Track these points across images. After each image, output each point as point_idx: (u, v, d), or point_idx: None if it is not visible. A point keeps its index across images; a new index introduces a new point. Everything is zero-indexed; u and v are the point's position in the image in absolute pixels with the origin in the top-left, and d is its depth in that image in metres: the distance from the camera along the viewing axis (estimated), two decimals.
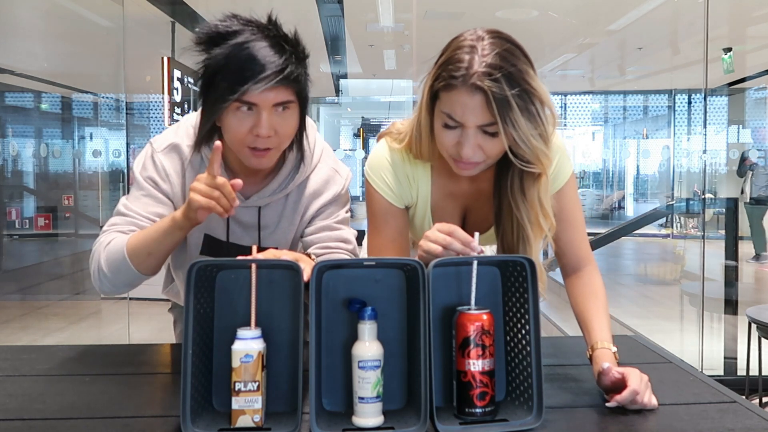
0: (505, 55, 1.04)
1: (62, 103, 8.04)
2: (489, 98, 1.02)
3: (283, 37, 1.18)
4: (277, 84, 1.13)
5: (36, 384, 1.18)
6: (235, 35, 1.15)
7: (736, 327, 3.92)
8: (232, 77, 1.13)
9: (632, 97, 11.54)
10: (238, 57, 1.14)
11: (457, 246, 1.04)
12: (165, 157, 1.31)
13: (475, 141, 1.08)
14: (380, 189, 1.26)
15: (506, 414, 1.01)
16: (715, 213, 5.42)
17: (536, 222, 1.16)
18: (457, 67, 1.04)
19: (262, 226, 1.34)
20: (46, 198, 7.49)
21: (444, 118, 1.08)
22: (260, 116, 1.16)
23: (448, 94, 1.06)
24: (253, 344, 0.95)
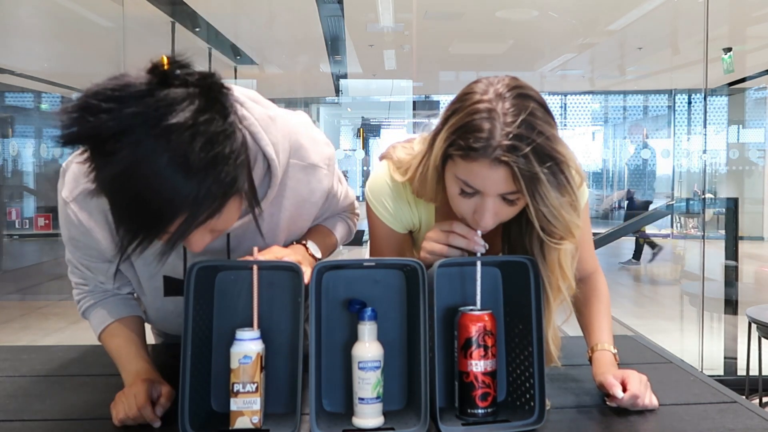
0: (530, 120, 0.93)
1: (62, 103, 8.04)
2: (515, 173, 0.92)
3: (186, 123, 0.80)
4: (197, 223, 0.86)
5: (36, 384, 1.17)
6: (108, 156, 0.78)
7: (736, 327, 3.92)
8: (128, 221, 0.83)
9: (632, 97, 11.53)
10: (125, 197, 0.81)
11: (459, 241, 1.03)
12: (80, 207, 1.06)
13: (494, 209, 0.99)
14: (380, 215, 1.19)
15: (507, 414, 1.01)
16: (715, 213, 5.42)
17: (555, 285, 1.07)
18: (477, 138, 0.93)
19: (232, 249, 1.12)
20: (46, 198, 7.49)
21: (461, 185, 0.99)
22: (188, 241, 0.92)
23: (467, 163, 0.96)
24: (252, 345, 0.95)
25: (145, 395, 0.98)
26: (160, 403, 0.99)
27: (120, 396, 1.00)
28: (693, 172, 6.62)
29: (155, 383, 1.02)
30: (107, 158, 0.79)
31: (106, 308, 1.17)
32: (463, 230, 1.03)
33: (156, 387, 1.01)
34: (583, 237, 1.18)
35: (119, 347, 1.12)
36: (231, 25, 6.17)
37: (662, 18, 6.04)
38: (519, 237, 1.09)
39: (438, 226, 1.06)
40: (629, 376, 1.05)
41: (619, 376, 1.06)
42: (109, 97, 0.78)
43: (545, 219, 0.97)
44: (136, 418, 0.96)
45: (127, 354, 1.11)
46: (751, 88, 8.77)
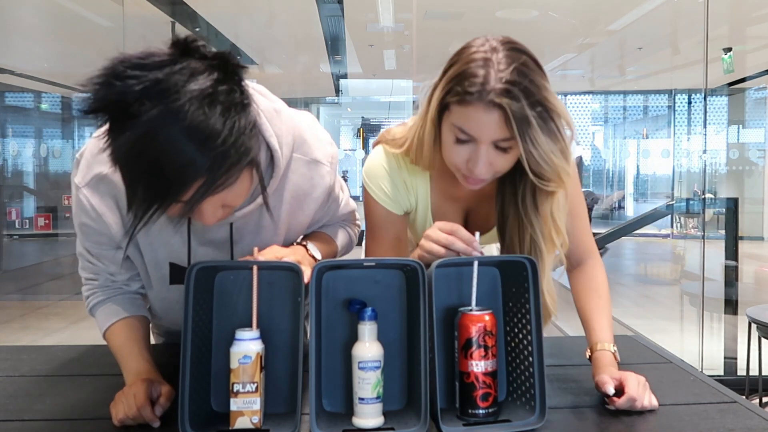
0: (522, 69, 0.99)
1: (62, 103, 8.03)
2: (507, 115, 0.98)
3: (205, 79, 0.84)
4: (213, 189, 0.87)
5: (36, 384, 1.17)
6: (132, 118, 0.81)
7: (736, 327, 3.92)
8: (145, 186, 0.85)
9: (632, 97, 11.54)
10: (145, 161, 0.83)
11: (459, 246, 1.03)
12: (92, 192, 1.07)
13: (488, 157, 1.03)
14: (377, 197, 1.23)
15: (508, 414, 1.01)
16: (715, 213, 5.42)
17: (549, 237, 1.12)
18: (472, 82, 0.98)
19: (235, 242, 1.14)
20: (46, 198, 7.49)
21: (456, 132, 1.03)
22: (200, 211, 0.93)
23: (462, 108, 1.01)
24: (252, 345, 0.94)
25: (145, 395, 0.98)
26: (159, 403, 0.99)
27: (119, 396, 1.00)
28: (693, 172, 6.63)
29: (155, 383, 1.02)
30: (129, 122, 0.81)
31: (113, 306, 1.17)
32: (464, 235, 1.04)
33: (156, 387, 1.01)
34: (574, 207, 1.20)
35: (122, 346, 1.12)
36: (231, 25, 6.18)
37: (662, 18, 6.04)
38: (512, 194, 1.14)
39: (439, 226, 1.06)
40: (627, 378, 1.05)
41: (617, 377, 1.05)
42: (135, 64, 0.83)
43: (536, 162, 1.02)
44: (135, 418, 0.96)
45: (129, 353, 1.11)
46: (751, 88, 8.77)
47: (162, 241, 1.13)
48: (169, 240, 1.13)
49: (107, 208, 1.08)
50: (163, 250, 1.15)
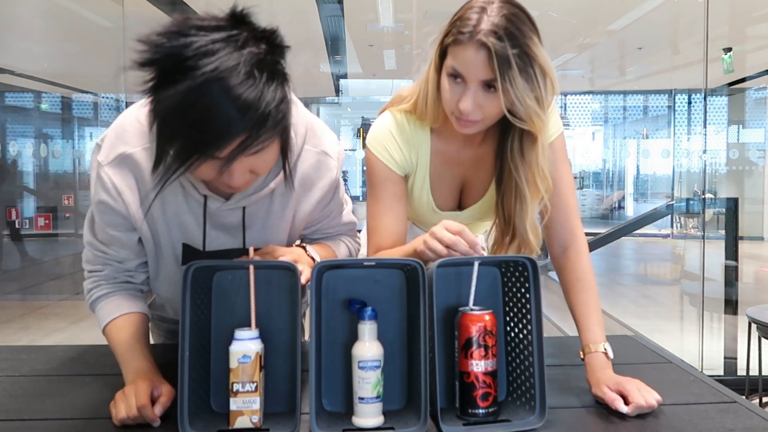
0: (512, 18, 1.09)
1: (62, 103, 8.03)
2: (491, 55, 1.07)
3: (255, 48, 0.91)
4: (252, 144, 0.92)
5: (36, 384, 1.17)
6: (189, 70, 0.87)
7: (736, 327, 3.92)
8: (189, 137, 0.89)
9: (632, 97, 11.54)
10: (195, 111, 0.87)
11: (462, 248, 1.04)
12: (114, 171, 1.10)
13: (476, 98, 1.12)
14: (380, 155, 1.29)
15: (508, 414, 1.01)
16: (715, 213, 5.42)
17: (533, 182, 1.22)
18: (466, 24, 1.10)
19: (246, 226, 1.18)
20: (46, 198, 7.49)
21: (450, 73, 1.14)
22: (231, 169, 0.96)
23: (456, 48, 1.12)
24: (251, 345, 0.95)
25: (146, 394, 0.98)
26: (160, 402, 0.99)
27: (120, 395, 1.00)
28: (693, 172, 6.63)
29: (156, 382, 1.02)
30: (183, 75, 0.87)
31: (116, 301, 1.18)
32: (468, 237, 1.05)
33: (157, 386, 1.01)
34: (561, 186, 1.28)
35: (122, 343, 1.12)
36: None
37: (662, 18, 6.04)
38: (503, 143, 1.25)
39: (445, 225, 1.07)
40: (626, 387, 1.05)
41: (615, 387, 1.06)
42: (198, 25, 0.90)
43: (511, 100, 1.11)
44: (135, 418, 0.96)
45: (129, 351, 1.11)
46: (751, 88, 8.77)
47: (177, 222, 1.16)
48: (183, 221, 1.16)
49: (127, 187, 1.11)
50: (177, 232, 1.17)
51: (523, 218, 1.23)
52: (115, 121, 1.14)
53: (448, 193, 1.36)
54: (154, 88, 0.90)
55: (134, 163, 1.10)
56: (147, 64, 0.90)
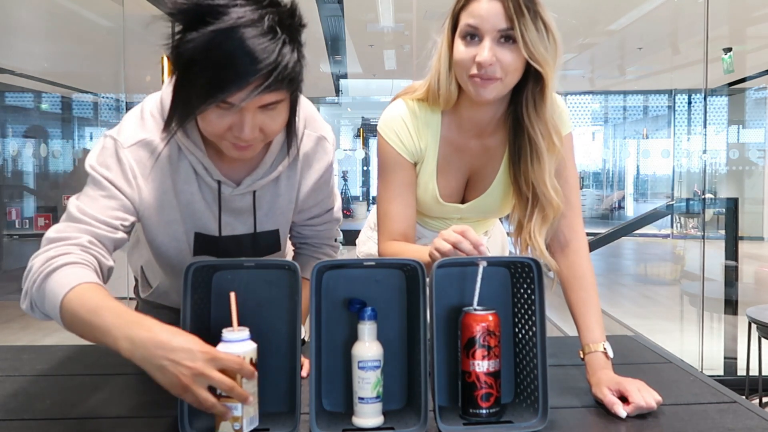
0: None
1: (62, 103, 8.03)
2: (507, 4, 1.14)
3: (278, 13, 0.99)
4: (266, 90, 0.97)
5: (36, 384, 1.18)
6: (218, 15, 0.95)
7: (736, 327, 3.92)
8: (210, 76, 0.95)
9: (632, 97, 11.54)
10: (220, 51, 0.94)
11: (465, 246, 1.04)
12: (134, 155, 1.12)
13: (492, 51, 1.15)
14: (391, 141, 1.31)
15: (513, 416, 1.01)
16: (715, 213, 5.42)
17: (548, 135, 1.25)
18: None
19: (257, 209, 1.23)
20: (46, 198, 7.49)
21: (465, 30, 1.18)
22: (243, 118, 1.00)
23: (469, 6, 1.17)
24: (236, 348, 0.89)
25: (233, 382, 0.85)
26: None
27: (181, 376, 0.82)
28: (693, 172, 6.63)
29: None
30: (217, 16, 0.94)
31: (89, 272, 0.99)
32: (472, 237, 1.05)
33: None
34: (569, 178, 1.30)
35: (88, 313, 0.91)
36: None
37: (662, 18, 6.04)
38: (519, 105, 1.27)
39: (452, 227, 1.07)
40: (626, 387, 1.05)
41: (615, 388, 1.06)
42: None
43: (529, 43, 1.16)
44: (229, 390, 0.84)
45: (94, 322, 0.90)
46: (751, 88, 8.77)
47: (190, 211, 1.19)
48: (196, 210, 1.19)
49: (141, 174, 1.13)
50: (190, 221, 1.19)
51: (542, 175, 1.25)
52: (136, 108, 1.18)
53: (454, 184, 1.37)
54: (182, 32, 0.97)
55: (153, 149, 1.13)
56: (178, 13, 0.97)
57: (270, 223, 1.26)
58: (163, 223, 1.18)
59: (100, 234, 1.06)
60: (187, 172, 1.16)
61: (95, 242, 1.06)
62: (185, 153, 1.14)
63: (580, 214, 1.33)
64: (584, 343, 1.17)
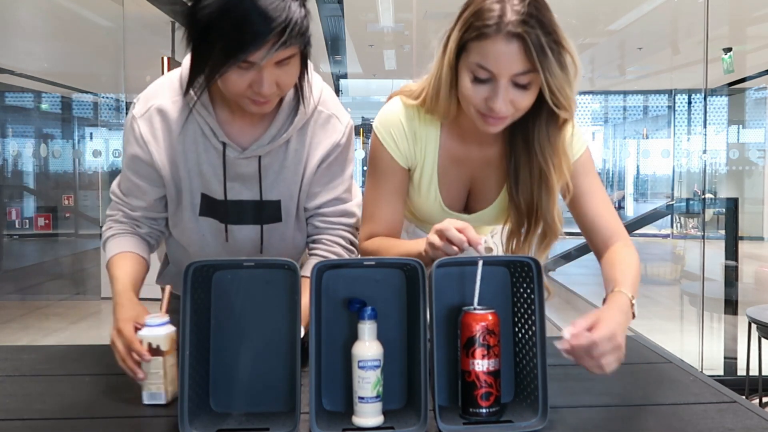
0: (536, 4, 1.05)
1: (62, 103, 8.03)
2: (527, 45, 1.02)
3: None
4: (281, 46, 1.04)
5: (36, 384, 1.17)
6: None
7: (736, 327, 3.92)
8: (228, 38, 1.03)
9: (632, 97, 11.54)
10: (235, 14, 1.01)
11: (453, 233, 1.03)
12: (144, 122, 1.24)
13: (507, 94, 1.07)
14: (386, 143, 1.25)
15: (513, 415, 1.00)
16: (715, 213, 5.42)
17: (559, 166, 1.19)
18: (490, 16, 1.03)
19: (263, 177, 1.27)
20: (46, 198, 7.50)
21: (474, 70, 1.07)
22: (261, 75, 1.08)
23: (481, 44, 1.05)
24: (145, 331, 1.05)
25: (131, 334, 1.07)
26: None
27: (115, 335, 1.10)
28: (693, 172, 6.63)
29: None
30: None
31: (123, 240, 1.29)
32: (471, 236, 1.04)
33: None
34: (593, 187, 1.25)
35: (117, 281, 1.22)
36: None
37: (662, 18, 6.04)
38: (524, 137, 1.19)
39: (450, 222, 1.06)
40: (602, 324, 0.98)
41: (593, 318, 0.99)
42: None
43: (554, 90, 1.07)
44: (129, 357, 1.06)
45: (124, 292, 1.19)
46: (751, 88, 8.77)
47: (198, 171, 1.26)
48: (203, 171, 1.25)
49: (153, 139, 1.24)
50: (197, 180, 1.27)
51: (550, 204, 1.20)
52: (152, 83, 1.29)
53: (455, 193, 1.32)
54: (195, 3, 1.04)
55: (163, 114, 1.23)
56: None
57: (276, 192, 1.29)
58: (174, 181, 1.27)
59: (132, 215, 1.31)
60: (195, 133, 1.23)
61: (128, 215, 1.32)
62: (194, 115, 1.22)
63: (618, 219, 1.26)
64: (611, 287, 1.11)
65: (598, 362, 0.97)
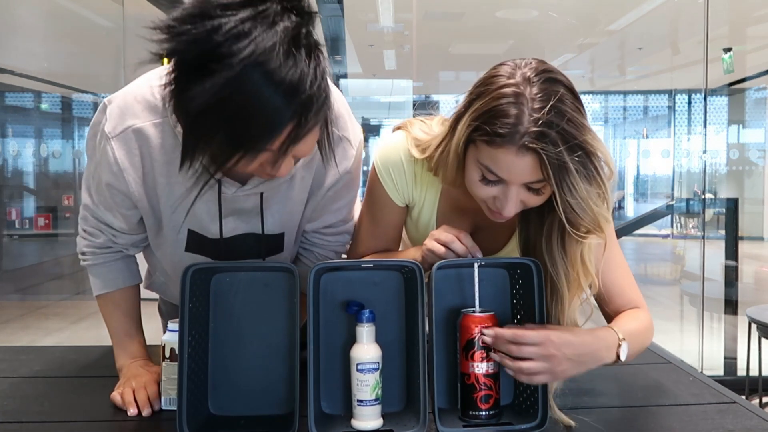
0: (560, 107, 0.89)
1: (62, 103, 8.03)
2: (543, 161, 0.89)
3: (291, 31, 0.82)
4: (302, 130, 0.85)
5: (34, 385, 1.17)
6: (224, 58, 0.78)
7: (736, 327, 3.91)
8: (233, 130, 0.82)
9: (632, 97, 11.53)
10: (239, 102, 0.80)
11: (457, 246, 1.02)
12: (119, 145, 1.02)
13: (518, 198, 0.95)
14: (384, 182, 1.16)
15: (512, 418, 1.00)
16: (715, 213, 5.41)
17: (575, 281, 1.00)
18: (503, 123, 0.89)
19: (265, 210, 1.11)
20: (46, 198, 7.49)
21: (482, 171, 0.95)
22: (276, 157, 0.89)
23: (492, 149, 0.92)
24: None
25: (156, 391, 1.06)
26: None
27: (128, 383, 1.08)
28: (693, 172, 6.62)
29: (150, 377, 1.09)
30: (216, 64, 0.78)
31: (111, 274, 1.19)
32: (467, 241, 1.03)
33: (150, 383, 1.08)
34: (613, 259, 1.09)
35: (117, 321, 1.19)
36: None
37: (662, 18, 6.03)
38: (539, 228, 1.03)
39: (446, 229, 1.05)
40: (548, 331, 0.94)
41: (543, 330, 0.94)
42: (222, 3, 0.79)
43: (573, 211, 0.92)
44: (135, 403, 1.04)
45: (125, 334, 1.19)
46: (751, 88, 8.76)
47: (184, 205, 1.07)
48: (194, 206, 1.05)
49: (130, 165, 1.04)
50: (181, 215, 1.09)
51: (560, 316, 1.01)
52: (124, 90, 1.06)
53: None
54: (180, 81, 0.82)
55: (143, 138, 1.02)
56: (170, 54, 0.80)
57: (277, 226, 1.15)
58: (154, 212, 1.11)
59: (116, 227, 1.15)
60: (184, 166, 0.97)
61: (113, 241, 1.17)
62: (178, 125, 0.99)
63: (636, 288, 1.13)
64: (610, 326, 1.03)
65: (519, 364, 0.92)
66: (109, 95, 1.09)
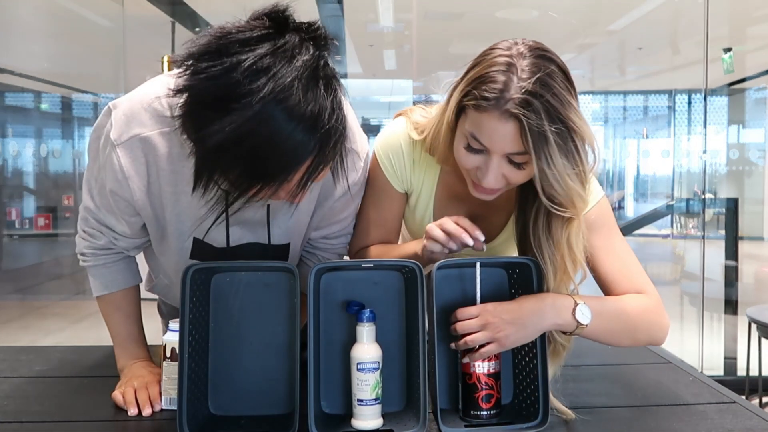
0: (547, 81, 0.92)
1: (62, 103, 8.03)
2: (524, 128, 0.91)
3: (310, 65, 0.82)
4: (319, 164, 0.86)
5: (34, 385, 1.17)
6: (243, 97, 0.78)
7: (736, 327, 3.91)
8: (249, 169, 0.83)
9: (632, 97, 11.53)
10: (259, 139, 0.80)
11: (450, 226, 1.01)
12: (125, 153, 1.01)
13: (500, 170, 0.97)
14: (383, 166, 1.19)
15: (512, 417, 1.00)
16: (715, 213, 5.41)
17: (561, 267, 1.01)
18: (490, 88, 0.92)
19: (271, 221, 1.12)
20: (46, 198, 7.49)
21: (468, 139, 0.98)
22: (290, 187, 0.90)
23: (477, 114, 0.95)
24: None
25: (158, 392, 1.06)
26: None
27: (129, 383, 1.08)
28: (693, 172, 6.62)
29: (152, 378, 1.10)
30: (240, 101, 0.78)
31: (111, 275, 1.19)
32: (465, 223, 1.02)
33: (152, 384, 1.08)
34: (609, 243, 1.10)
35: (117, 324, 1.20)
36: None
37: (662, 18, 6.03)
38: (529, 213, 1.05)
39: (448, 218, 1.05)
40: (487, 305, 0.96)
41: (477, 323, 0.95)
42: (240, 39, 0.79)
43: (549, 183, 0.94)
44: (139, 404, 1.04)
45: (126, 336, 1.20)
46: (751, 88, 8.76)
47: (190, 215, 1.08)
48: (197, 214, 1.06)
49: (135, 173, 1.03)
50: (188, 224, 1.09)
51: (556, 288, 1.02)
52: (129, 96, 1.05)
53: None
54: (196, 116, 0.82)
55: (149, 146, 1.01)
56: (188, 91, 0.81)
57: (284, 236, 1.15)
58: (157, 220, 1.11)
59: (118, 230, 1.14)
60: (190, 173, 0.97)
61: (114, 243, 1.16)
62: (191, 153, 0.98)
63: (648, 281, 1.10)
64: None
65: (463, 339, 0.97)
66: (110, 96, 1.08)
